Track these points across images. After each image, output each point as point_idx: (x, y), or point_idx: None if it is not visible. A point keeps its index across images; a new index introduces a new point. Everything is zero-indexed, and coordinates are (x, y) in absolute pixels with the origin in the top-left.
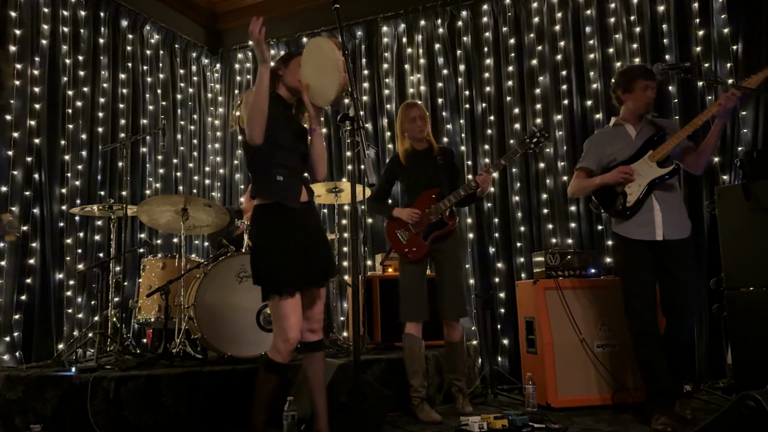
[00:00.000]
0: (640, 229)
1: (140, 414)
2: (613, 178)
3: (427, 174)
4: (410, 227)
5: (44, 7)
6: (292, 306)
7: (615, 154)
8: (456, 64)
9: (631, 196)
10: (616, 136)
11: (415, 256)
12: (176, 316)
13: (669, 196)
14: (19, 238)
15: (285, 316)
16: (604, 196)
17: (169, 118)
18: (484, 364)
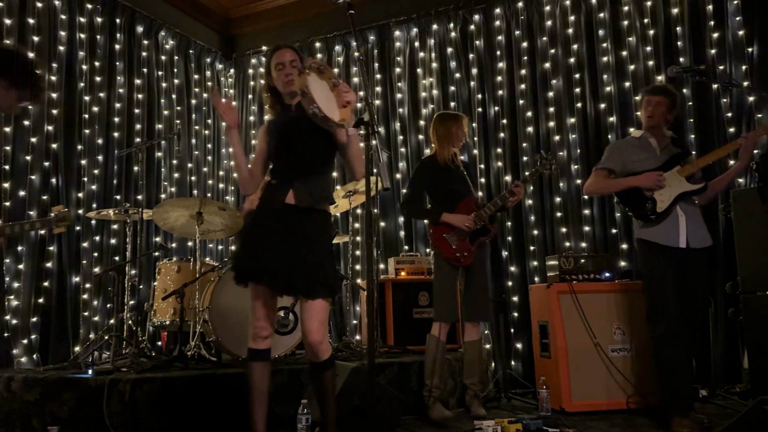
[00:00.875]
0: (666, 236)
1: (155, 416)
2: (647, 182)
3: (461, 182)
4: (459, 232)
5: (61, 14)
6: (255, 295)
7: (641, 162)
8: (468, 67)
9: (661, 203)
10: (641, 146)
11: (466, 261)
12: (191, 319)
13: (691, 209)
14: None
15: (252, 305)
16: (630, 198)
17: (183, 123)
18: (497, 368)
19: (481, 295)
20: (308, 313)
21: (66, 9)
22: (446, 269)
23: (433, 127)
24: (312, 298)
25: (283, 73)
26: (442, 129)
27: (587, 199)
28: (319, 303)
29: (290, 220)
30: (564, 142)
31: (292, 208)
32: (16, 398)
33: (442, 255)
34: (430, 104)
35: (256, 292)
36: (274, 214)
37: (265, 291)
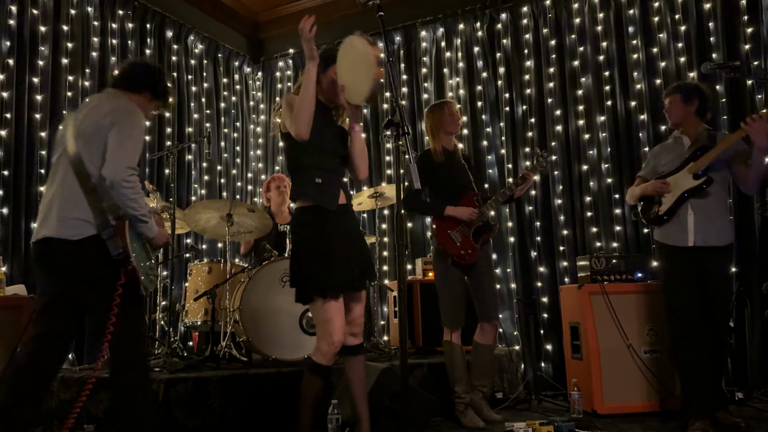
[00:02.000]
0: (674, 236)
1: (189, 416)
2: (652, 190)
3: (462, 176)
4: (462, 229)
5: (94, 20)
6: (337, 309)
7: (667, 165)
8: (495, 66)
9: (663, 205)
10: (673, 147)
11: (471, 258)
12: (222, 320)
13: (706, 204)
14: None
15: (329, 319)
16: (645, 204)
17: (213, 126)
18: (527, 369)
19: (490, 293)
20: (359, 302)
21: (98, 15)
22: (449, 271)
23: (425, 122)
24: (365, 288)
25: (336, 86)
26: (430, 120)
27: (618, 198)
28: (364, 291)
29: (345, 220)
30: (594, 140)
31: (343, 207)
32: (53, 397)
33: (447, 253)
34: (457, 104)
35: (337, 306)
36: (332, 217)
37: (342, 301)
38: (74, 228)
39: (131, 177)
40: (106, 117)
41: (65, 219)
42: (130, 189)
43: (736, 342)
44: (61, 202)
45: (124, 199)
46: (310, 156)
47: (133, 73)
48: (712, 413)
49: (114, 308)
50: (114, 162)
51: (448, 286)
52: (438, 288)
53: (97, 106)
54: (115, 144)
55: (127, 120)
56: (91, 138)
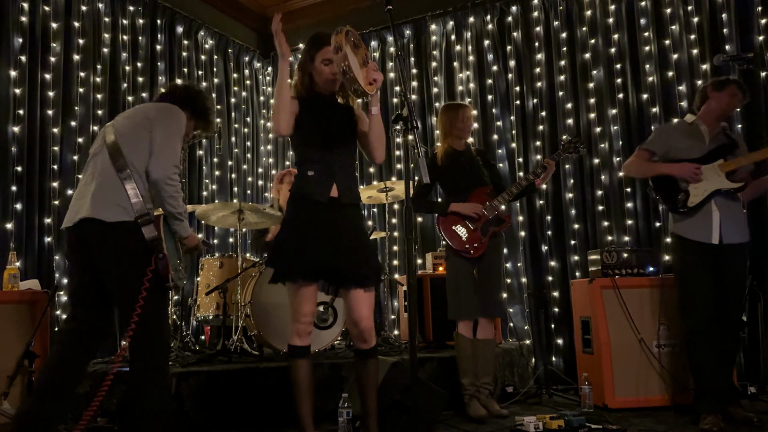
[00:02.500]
0: (698, 231)
1: (201, 409)
2: (681, 173)
3: (473, 173)
4: (468, 223)
5: (105, 16)
6: (307, 295)
7: (684, 150)
8: (506, 60)
9: (694, 197)
10: (690, 133)
11: (476, 252)
12: (233, 314)
13: (729, 204)
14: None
15: (299, 302)
16: (665, 187)
17: (223, 122)
18: (537, 364)
19: (494, 289)
20: (358, 302)
21: (109, 11)
22: (459, 264)
23: (438, 119)
24: (365, 288)
25: (329, 69)
26: (443, 120)
27: (630, 191)
28: (369, 292)
29: (336, 213)
30: (605, 133)
31: (336, 202)
32: None
33: (452, 247)
34: (467, 97)
35: (302, 289)
36: (317, 208)
37: (312, 287)
38: (109, 210)
39: (175, 176)
40: (150, 113)
41: (100, 201)
42: (173, 187)
43: (749, 336)
44: (97, 187)
45: (166, 196)
46: (305, 150)
47: (175, 91)
48: (725, 407)
49: (143, 292)
50: (161, 159)
51: (457, 278)
52: (447, 280)
53: (140, 107)
54: (162, 142)
55: (172, 119)
56: (133, 131)
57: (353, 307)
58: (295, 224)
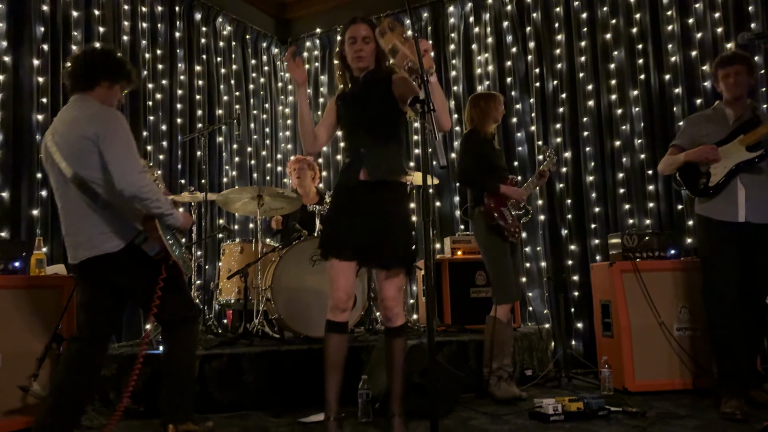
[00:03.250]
0: (723, 210)
1: (223, 391)
2: (696, 156)
3: (502, 161)
4: (511, 208)
5: (124, 4)
6: (341, 270)
7: (709, 135)
8: (525, 41)
9: (714, 176)
10: (714, 118)
11: (518, 236)
12: (254, 298)
13: (758, 180)
14: None
15: (332, 278)
16: (689, 174)
17: (242, 108)
18: (557, 348)
19: (518, 275)
20: (384, 282)
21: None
22: (504, 246)
23: (471, 107)
24: (388, 269)
25: (353, 48)
26: (482, 106)
27: (652, 174)
28: (395, 273)
29: (365, 196)
30: (627, 115)
31: (366, 184)
32: None
33: (503, 227)
34: (485, 80)
35: (338, 267)
36: (350, 192)
37: (349, 265)
38: (108, 242)
39: (144, 179)
40: (88, 129)
41: (96, 237)
42: (149, 191)
43: None
44: (84, 225)
45: (147, 203)
46: (344, 140)
47: (78, 70)
48: (747, 391)
49: (156, 300)
50: (124, 173)
51: (504, 261)
52: (492, 264)
53: (73, 119)
54: (115, 156)
55: (112, 127)
56: (81, 155)
57: (379, 286)
58: (332, 209)
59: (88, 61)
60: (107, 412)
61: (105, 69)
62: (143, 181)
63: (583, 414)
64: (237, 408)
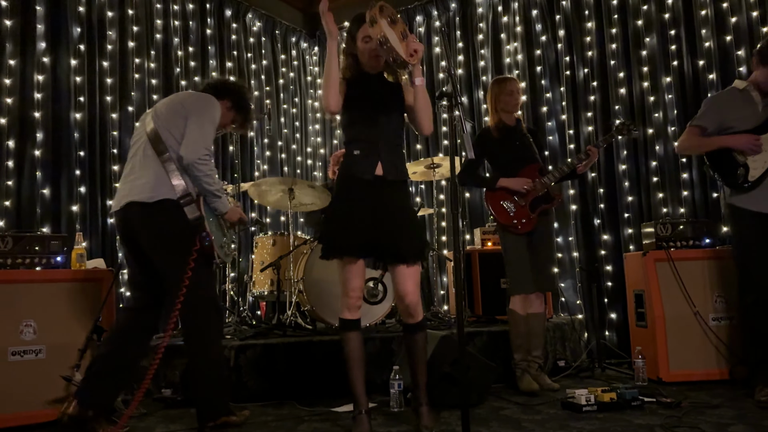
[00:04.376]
0: (759, 202)
1: (258, 380)
2: (740, 144)
3: (524, 149)
4: (516, 199)
5: (157, 3)
6: (354, 270)
7: (737, 121)
8: (555, 29)
9: (755, 170)
10: (742, 101)
11: (524, 228)
12: (287, 290)
13: None
14: None
15: (346, 279)
16: (721, 161)
17: (273, 103)
18: (590, 338)
19: (545, 264)
20: (403, 277)
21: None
22: (514, 239)
23: (487, 93)
24: (408, 264)
25: (368, 47)
26: (490, 94)
27: (686, 162)
28: (413, 267)
29: (380, 191)
30: (660, 102)
31: (381, 180)
32: None
33: (499, 222)
34: (515, 69)
35: (350, 265)
36: (363, 186)
37: (361, 264)
38: (149, 191)
39: (206, 157)
40: (186, 101)
41: (142, 184)
42: (206, 166)
43: None
44: (139, 171)
45: (200, 175)
46: (351, 130)
47: (216, 83)
48: None
49: (188, 272)
50: (192, 143)
51: (512, 253)
52: (504, 256)
53: (178, 95)
54: (194, 127)
55: (207, 106)
56: (171, 117)
57: (398, 282)
58: (341, 203)
59: (227, 82)
60: (146, 401)
61: (239, 100)
62: (203, 155)
63: (616, 404)
64: (271, 397)
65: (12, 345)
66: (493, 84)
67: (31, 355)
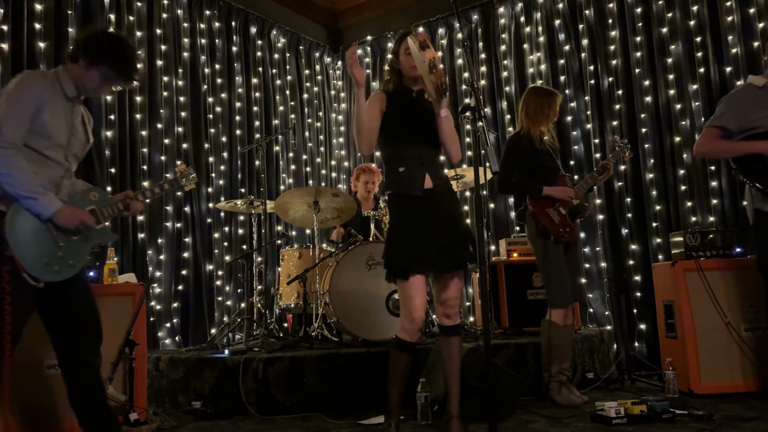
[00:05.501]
0: None
1: (286, 393)
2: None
3: (551, 160)
4: (560, 208)
5: (184, 22)
6: (416, 288)
7: (762, 119)
8: (578, 38)
9: None
10: (765, 99)
11: (569, 236)
12: (313, 302)
13: None
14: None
15: (408, 297)
16: (753, 167)
17: (297, 117)
18: (619, 350)
19: (575, 274)
20: (449, 284)
21: (187, 17)
22: (553, 248)
23: (524, 102)
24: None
25: (408, 61)
26: (533, 105)
27: (714, 170)
28: (460, 274)
29: (434, 203)
30: (686, 110)
31: (431, 192)
32: (163, 376)
33: (549, 230)
34: (538, 79)
35: (417, 283)
36: (417, 202)
37: (421, 280)
38: None
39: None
40: None
41: None
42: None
43: None
44: None
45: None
46: (393, 147)
47: (76, 43)
48: None
49: None
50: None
51: (555, 264)
52: (542, 268)
53: None
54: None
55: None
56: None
57: (443, 289)
58: (400, 224)
59: (85, 37)
60: (176, 413)
61: (92, 48)
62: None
63: (646, 417)
64: (299, 410)
65: (48, 358)
66: (534, 94)
67: None
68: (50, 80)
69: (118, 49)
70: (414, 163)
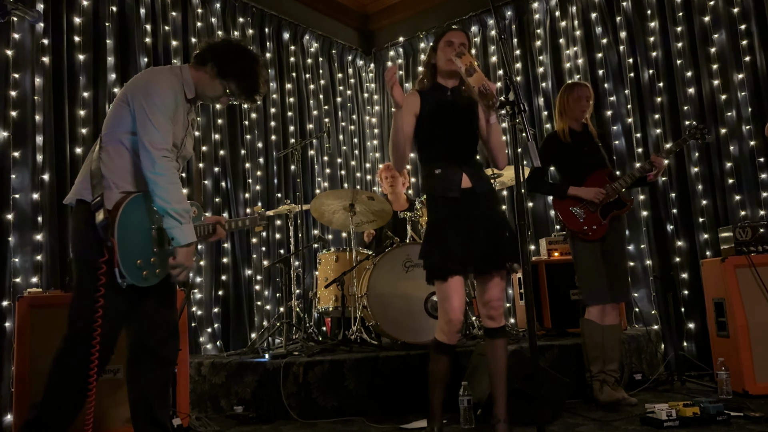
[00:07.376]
0: None
1: (327, 396)
2: None
3: (592, 155)
4: (587, 205)
5: (218, 30)
6: (454, 289)
7: None
8: (616, 31)
9: None
10: None
11: (595, 234)
12: (351, 305)
13: None
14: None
15: (446, 298)
16: None
17: (331, 121)
18: (668, 350)
19: (619, 273)
20: (492, 285)
21: (221, 25)
22: (586, 247)
23: (556, 100)
24: (499, 271)
25: (450, 50)
26: (560, 102)
27: (763, 161)
28: (503, 274)
29: (473, 204)
30: (732, 101)
31: (470, 192)
32: (206, 381)
33: (569, 229)
34: (576, 74)
35: (456, 285)
36: (455, 203)
37: (460, 282)
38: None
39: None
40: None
41: (79, 183)
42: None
43: None
44: (85, 167)
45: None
46: (428, 149)
47: (203, 47)
48: None
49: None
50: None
51: (585, 261)
52: (575, 266)
53: None
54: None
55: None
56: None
57: (487, 289)
58: (437, 224)
59: (214, 43)
60: (218, 418)
61: (222, 57)
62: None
63: (700, 419)
64: (340, 413)
65: None
66: (562, 91)
67: (109, 374)
68: (179, 79)
69: (251, 69)
70: (450, 163)
